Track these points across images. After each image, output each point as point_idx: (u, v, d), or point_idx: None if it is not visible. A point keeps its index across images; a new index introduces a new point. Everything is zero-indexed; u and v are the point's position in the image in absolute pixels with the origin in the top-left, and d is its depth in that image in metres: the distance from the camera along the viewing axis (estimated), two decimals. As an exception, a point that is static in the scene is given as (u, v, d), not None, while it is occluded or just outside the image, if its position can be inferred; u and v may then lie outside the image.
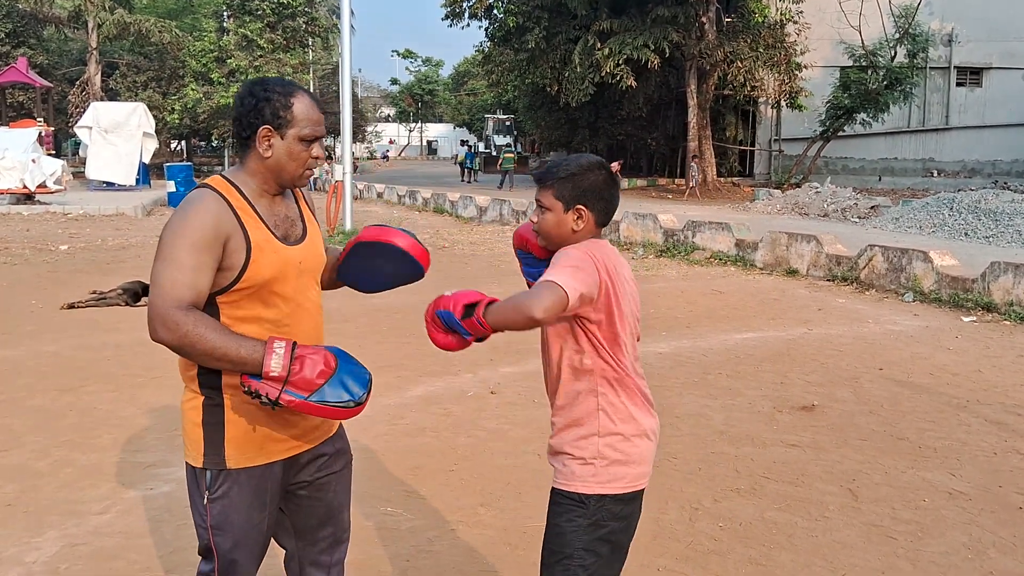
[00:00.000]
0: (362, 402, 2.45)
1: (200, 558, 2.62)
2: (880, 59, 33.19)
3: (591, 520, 2.56)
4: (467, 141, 60.22)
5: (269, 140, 2.51)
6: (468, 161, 44.65)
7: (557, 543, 2.58)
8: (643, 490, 2.66)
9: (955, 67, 40.08)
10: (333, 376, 2.41)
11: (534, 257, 2.74)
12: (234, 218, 2.46)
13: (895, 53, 33.31)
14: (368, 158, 71.29)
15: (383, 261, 2.79)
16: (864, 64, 33.41)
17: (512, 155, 40.35)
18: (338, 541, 2.83)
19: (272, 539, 2.74)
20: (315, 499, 2.74)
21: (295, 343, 2.42)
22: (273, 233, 2.54)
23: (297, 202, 2.71)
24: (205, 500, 2.51)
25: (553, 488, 2.63)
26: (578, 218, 2.60)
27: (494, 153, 50.38)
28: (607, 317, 2.55)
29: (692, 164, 32.96)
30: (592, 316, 2.53)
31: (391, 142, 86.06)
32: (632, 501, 2.63)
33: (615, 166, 24.12)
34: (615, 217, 15.45)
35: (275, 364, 2.35)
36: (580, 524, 2.55)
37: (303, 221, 2.69)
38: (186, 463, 2.58)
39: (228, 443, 2.50)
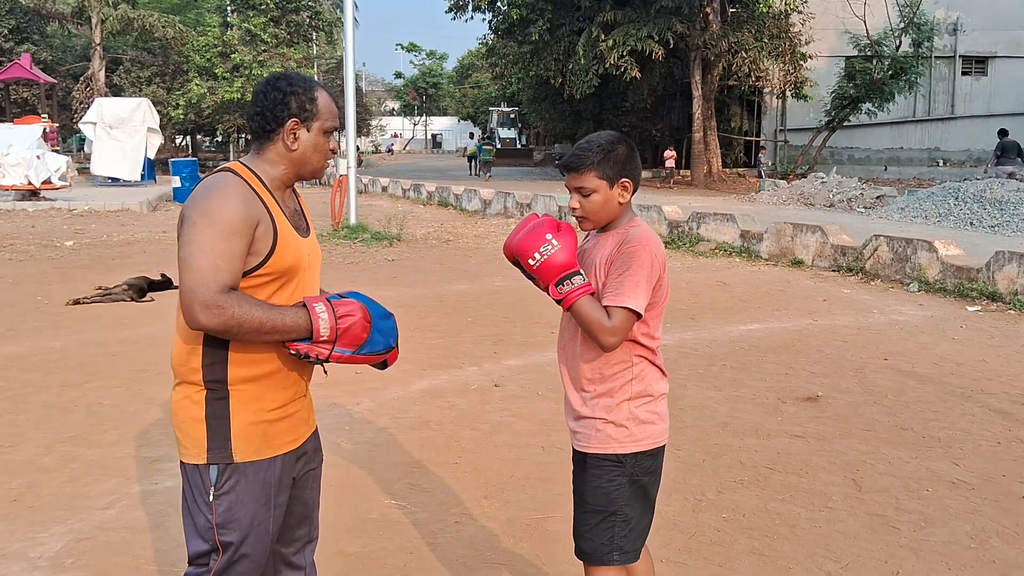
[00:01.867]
0: (394, 347, 2.57)
1: (188, 564, 2.57)
2: (885, 49, 33.10)
3: (628, 477, 2.80)
4: (477, 133, 59.62)
5: (296, 132, 2.55)
6: (484, 154, 44.19)
7: (602, 502, 2.80)
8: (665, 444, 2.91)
9: (960, 56, 39.95)
10: (372, 329, 2.49)
11: (526, 272, 2.80)
12: (261, 204, 2.48)
13: (900, 42, 33.21)
14: (372, 152, 71.28)
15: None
16: (869, 54, 33.32)
17: (490, 148, 42.90)
18: (310, 540, 2.84)
19: None
20: (295, 497, 2.72)
21: (330, 301, 2.46)
22: (290, 223, 2.58)
23: (296, 197, 2.73)
24: (210, 497, 2.47)
25: (587, 453, 2.84)
26: (623, 191, 2.81)
27: (499, 146, 50.36)
28: (654, 301, 2.78)
29: (668, 155, 33.18)
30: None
31: (396, 136, 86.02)
32: (659, 455, 2.89)
33: (670, 154, 24.03)
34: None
35: (324, 328, 2.40)
36: (620, 482, 2.79)
37: (305, 217, 2.72)
38: (182, 463, 2.53)
39: (235, 436, 2.47)
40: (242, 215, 2.41)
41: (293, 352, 2.43)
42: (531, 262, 2.68)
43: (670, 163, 33.41)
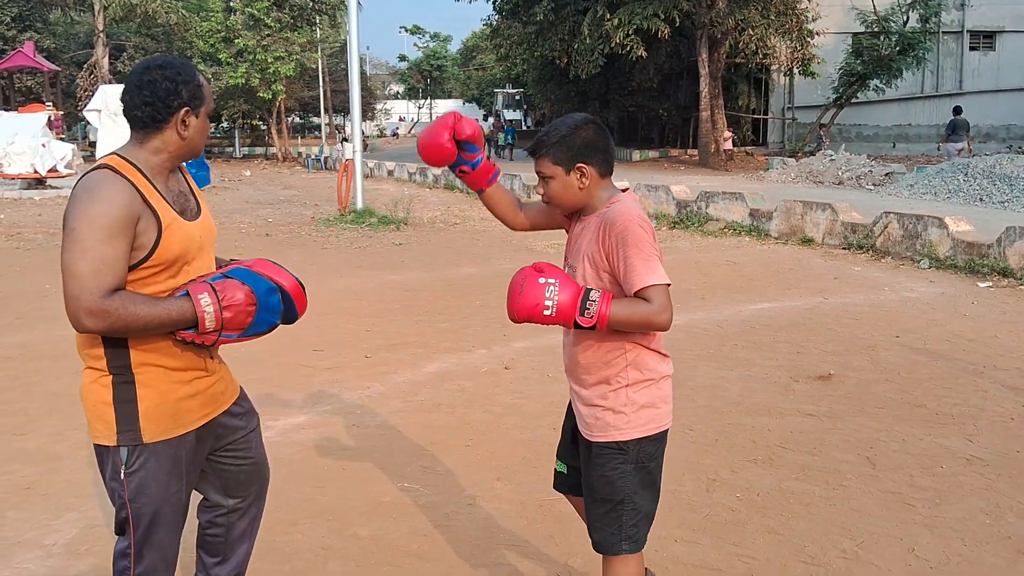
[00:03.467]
0: (277, 324, 2.64)
1: (117, 537, 2.70)
2: (892, 24, 32.86)
3: (634, 464, 2.76)
4: (493, 115, 58.41)
5: (187, 120, 2.58)
6: (509, 137, 43.66)
7: (608, 491, 2.78)
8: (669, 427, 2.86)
9: (968, 31, 39.66)
10: (257, 309, 2.55)
11: (444, 159, 2.91)
12: (141, 199, 2.48)
13: (907, 18, 32.97)
14: (378, 136, 71.16)
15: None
16: (876, 30, 33.08)
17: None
18: (262, 492, 3.02)
19: (203, 497, 2.96)
20: (241, 459, 2.89)
21: (214, 287, 2.49)
22: (174, 210, 2.58)
23: (183, 176, 2.75)
24: (122, 475, 2.56)
25: (591, 441, 2.80)
26: (581, 176, 2.74)
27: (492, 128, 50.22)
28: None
29: (727, 135, 32.97)
30: None
31: (400, 119, 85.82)
32: (663, 439, 2.85)
33: (728, 135, 23.88)
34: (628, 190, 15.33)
35: (209, 321, 2.47)
36: (625, 470, 2.76)
37: (194, 195, 2.74)
38: (95, 445, 2.60)
39: (143, 418, 2.54)
40: (121, 215, 2.41)
41: (180, 339, 2.51)
42: (547, 314, 2.58)
43: (727, 144, 33.11)
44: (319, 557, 3.83)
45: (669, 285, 2.61)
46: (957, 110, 25.02)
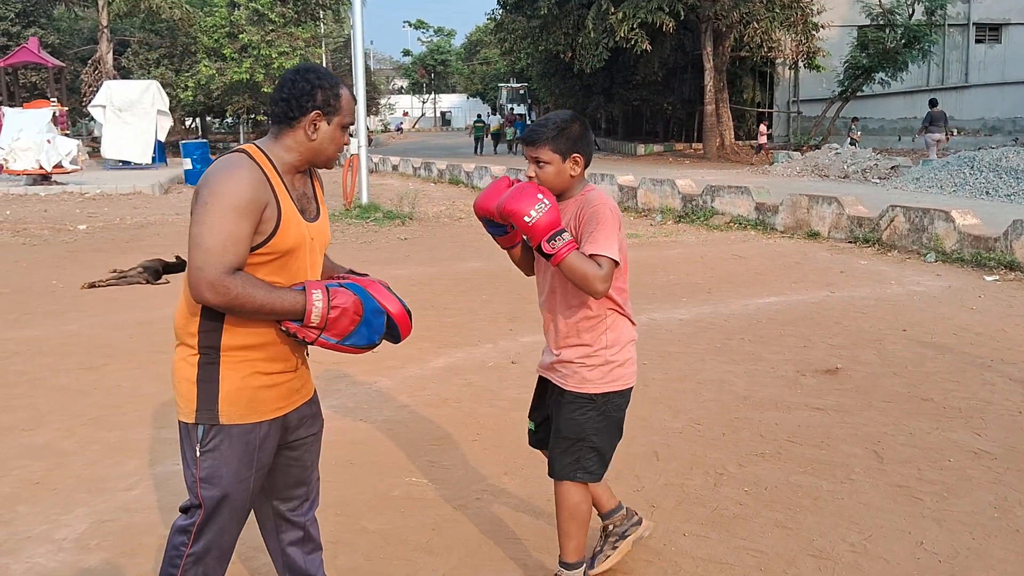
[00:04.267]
0: (377, 343, 2.73)
1: (179, 514, 2.76)
2: (898, 17, 32.78)
3: (599, 412, 3.28)
4: (498, 110, 57.91)
5: (317, 124, 2.68)
6: (519, 131, 43.35)
7: (573, 431, 3.27)
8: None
9: (974, 24, 39.56)
10: (361, 323, 2.66)
11: (493, 223, 3.21)
12: (269, 188, 2.61)
13: (913, 11, 32.89)
14: (382, 131, 71.13)
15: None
16: (882, 23, 33.01)
17: (482, 124, 45.74)
18: (307, 499, 3.04)
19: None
20: (294, 459, 2.94)
21: (327, 288, 2.62)
22: (296, 207, 2.70)
23: (312, 181, 2.86)
24: (197, 453, 2.65)
25: (565, 390, 3.29)
26: (574, 164, 3.18)
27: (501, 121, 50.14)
28: (621, 256, 3.11)
29: (762, 130, 32.99)
30: None
31: (404, 114, 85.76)
32: (628, 393, 3.38)
33: (763, 129, 23.98)
34: (632, 184, 15.33)
35: (315, 316, 2.57)
36: (591, 415, 3.27)
37: (316, 200, 2.85)
38: (179, 421, 2.71)
39: (222, 399, 2.63)
40: (251, 197, 2.53)
41: (283, 329, 2.61)
42: (527, 219, 2.96)
43: (763, 138, 32.95)
44: (328, 551, 3.82)
45: (617, 264, 3.05)
46: (933, 103, 26.35)
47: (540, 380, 3.54)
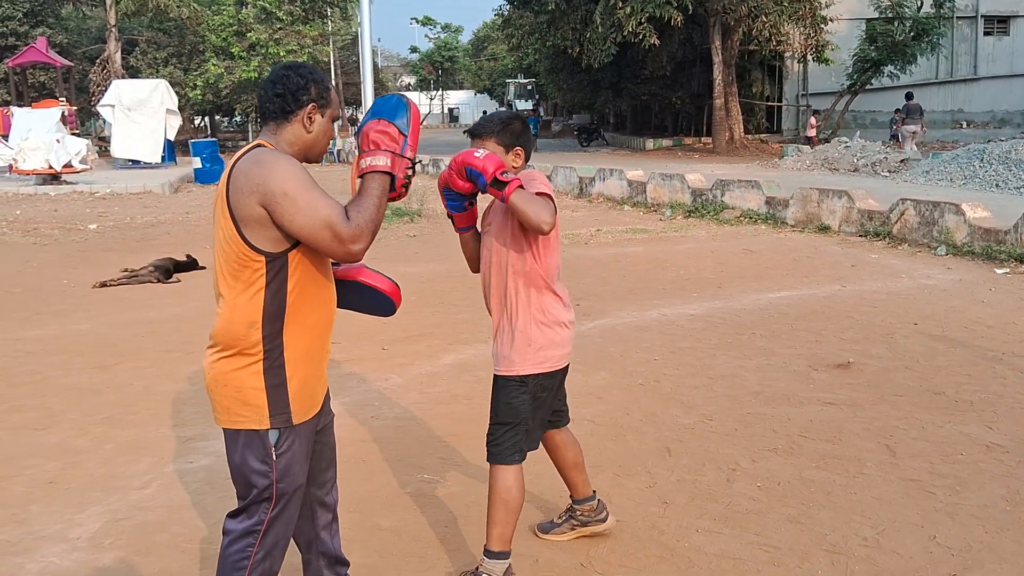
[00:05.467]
0: (406, 99, 2.87)
1: (228, 519, 2.80)
2: (906, 10, 32.61)
3: (531, 394, 3.41)
4: (506, 106, 57.64)
5: (312, 116, 2.77)
6: (533, 127, 43.31)
7: (510, 415, 3.41)
8: (567, 367, 3.53)
9: (982, 16, 39.30)
10: (385, 115, 2.80)
11: (456, 192, 3.35)
12: None
13: (921, 3, 32.71)
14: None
15: (365, 296, 3.16)
16: (890, 15, 32.83)
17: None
18: (334, 481, 3.13)
19: None
20: (324, 444, 3.02)
21: (363, 142, 2.78)
22: None
23: None
24: (273, 456, 2.71)
25: (497, 375, 3.46)
26: (517, 156, 3.42)
27: None
28: (554, 229, 3.26)
29: (811, 123, 32.48)
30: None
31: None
32: (557, 375, 3.50)
33: (812, 122, 24.08)
34: (641, 179, 15.27)
35: (384, 161, 2.72)
36: (524, 399, 3.41)
37: None
38: (238, 431, 2.71)
39: (292, 400, 2.71)
40: (305, 170, 2.66)
41: (402, 189, 2.79)
42: (476, 155, 3.17)
43: (812, 131, 32.68)
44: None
45: (556, 209, 3.23)
46: (909, 96, 27.95)
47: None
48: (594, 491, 3.89)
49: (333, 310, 2.88)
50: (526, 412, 3.41)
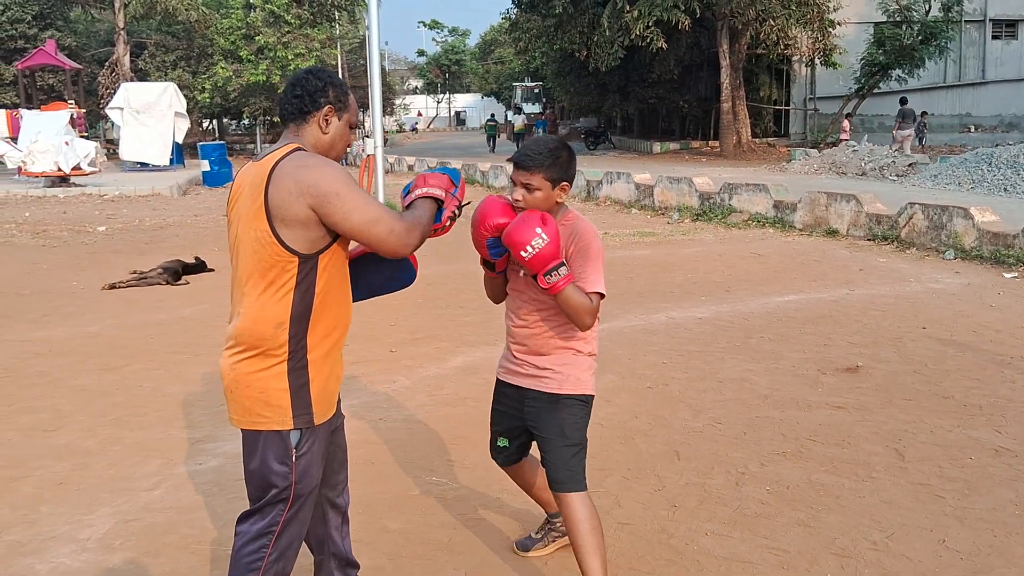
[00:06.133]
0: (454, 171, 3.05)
1: (241, 523, 2.82)
2: (914, 13, 32.57)
3: (588, 414, 3.36)
4: (514, 109, 57.25)
5: (329, 119, 2.82)
6: (541, 130, 42.90)
7: (578, 436, 3.30)
8: None
9: (990, 20, 39.25)
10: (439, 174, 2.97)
11: (496, 244, 3.21)
12: None
13: (929, 7, 32.66)
14: (397, 131, 71.19)
15: (383, 267, 3.13)
16: (898, 19, 32.79)
17: (494, 124, 46.55)
18: (346, 483, 3.16)
19: None
20: (337, 445, 3.06)
21: (422, 186, 2.92)
22: None
23: None
24: (293, 457, 2.73)
25: (562, 395, 3.27)
26: (562, 191, 3.22)
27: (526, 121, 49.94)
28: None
29: (845, 125, 32.18)
30: None
31: (419, 114, 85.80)
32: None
33: (845, 125, 23.94)
34: (649, 182, 15.22)
35: (436, 192, 2.90)
36: (586, 419, 3.34)
37: None
38: (258, 432, 2.73)
39: (314, 402, 2.75)
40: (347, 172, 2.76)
41: (447, 225, 2.94)
42: (523, 254, 3.03)
43: (845, 135, 32.52)
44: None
45: (603, 297, 3.16)
46: (903, 100, 28.23)
47: (502, 392, 3.51)
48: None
49: (351, 313, 2.92)
50: (584, 434, 3.34)
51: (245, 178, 2.74)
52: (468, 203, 2.99)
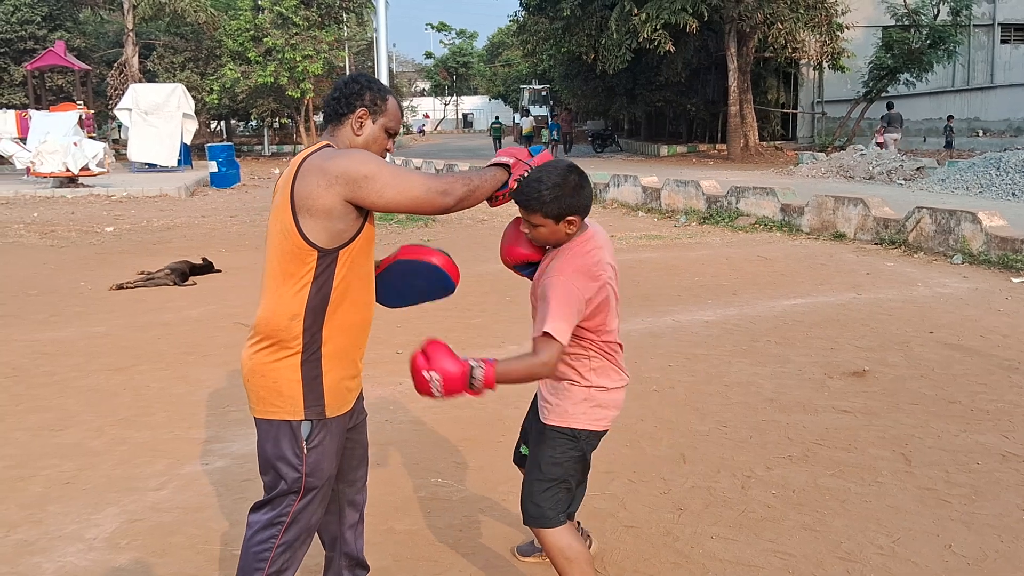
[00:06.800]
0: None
1: (253, 512, 2.86)
2: (923, 17, 32.51)
3: (580, 451, 3.18)
4: (522, 112, 56.97)
5: (363, 121, 2.87)
6: (555, 133, 42.67)
7: (554, 471, 3.15)
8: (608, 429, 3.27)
9: (999, 24, 39.17)
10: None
11: (526, 262, 3.22)
12: None
13: (938, 11, 32.60)
14: (404, 133, 71.23)
15: (415, 278, 3.15)
16: (907, 23, 32.75)
17: (499, 126, 46.23)
18: (365, 481, 3.19)
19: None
20: (356, 442, 3.09)
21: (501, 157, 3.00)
22: None
23: None
24: (304, 449, 2.77)
25: (547, 425, 3.17)
26: (569, 224, 3.04)
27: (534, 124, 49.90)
28: (596, 311, 3.07)
29: (880, 130, 31.99)
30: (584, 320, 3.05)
31: (426, 116, 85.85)
32: (602, 436, 3.26)
33: (881, 128, 23.60)
34: (656, 185, 15.17)
35: (507, 160, 2.96)
36: (572, 455, 3.16)
37: None
38: (271, 421, 2.77)
39: (327, 394, 2.78)
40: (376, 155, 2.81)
41: (514, 185, 2.96)
42: (436, 398, 2.83)
43: (881, 139, 32.32)
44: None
45: (560, 344, 2.87)
46: (890, 105, 29.35)
47: (532, 404, 3.42)
48: (578, 521, 3.66)
49: (372, 313, 2.95)
50: (570, 470, 3.17)
51: (282, 174, 2.82)
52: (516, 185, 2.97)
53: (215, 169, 25.22)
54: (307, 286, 2.70)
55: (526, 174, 2.94)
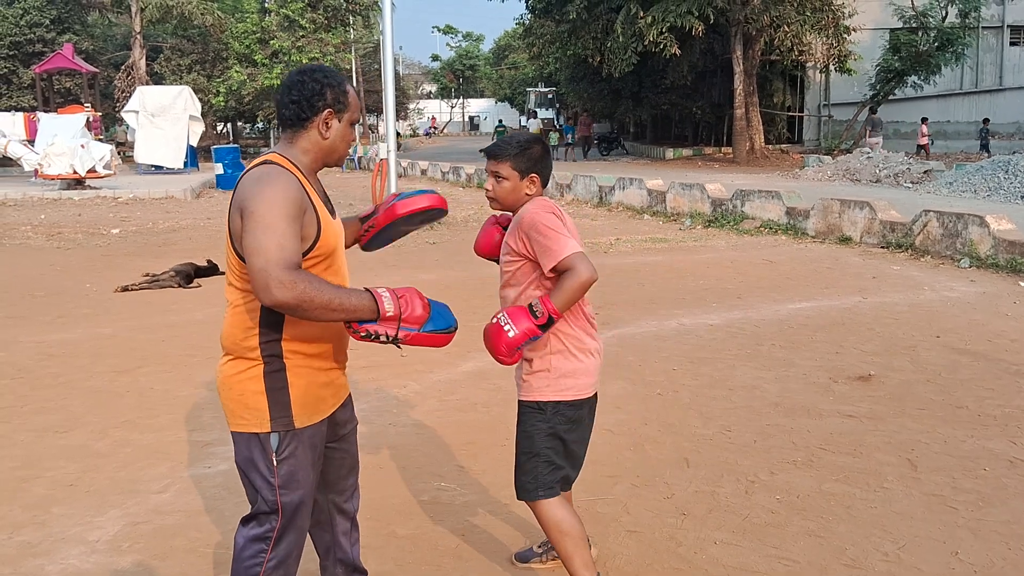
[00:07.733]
0: (455, 328, 2.75)
1: (241, 525, 2.82)
2: (931, 20, 32.46)
3: (548, 423, 3.22)
4: (528, 114, 56.57)
5: (329, 122, 2.74)
6: (569, 136, 42.48)
7: (526, 444, 3.26)
8: (591, 397, 3.32)
9: (1008, 26, 39.06)
10: (432, 310, 2.71)
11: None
12: (304, 192, 2.65)
13: (946, 13, 32.55)
14: (410, 135, 71.30)
15: (409, 224, 3.34)
16: (914, 25, 32.69)
17: (503, 129, 46.76)
18: (356, 489, 3.14)
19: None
20: (344, 451, 3.04)
21: (388, 288, 2.68)
22: (326, 207, 2.77)
23: (319, 181, 2.91)
24: (274, 462, 2.70)
25: (519, 401, 3.31)
26: (531, 183, 3.25)
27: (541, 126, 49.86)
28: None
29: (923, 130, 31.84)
30: None
31: (433, 119, 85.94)
32: (581, 407, 3.29)
33: (924, 130, 24.05)
34: (661, 188, 15.19)
35: (389, 306, 2.60)
36: (541, 427, 3.22)
37: (329, 199, 2.90)
38: (242, 434, 2.73)
39: (294, 404, 2.70)
40: (296, 200, 2.58)
41: (363, 335, 2.59)
42: (511, 335, 3.03)
43: (924, 139, 32.03)
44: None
45: (581, 250, 3.06)
46: (873, 109, 30.34)
47: None
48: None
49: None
50: (543, 443, 3.23)
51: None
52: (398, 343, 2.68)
53: (221, 171, 25.25)
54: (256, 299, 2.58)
55: (383, 338, 2.61)
